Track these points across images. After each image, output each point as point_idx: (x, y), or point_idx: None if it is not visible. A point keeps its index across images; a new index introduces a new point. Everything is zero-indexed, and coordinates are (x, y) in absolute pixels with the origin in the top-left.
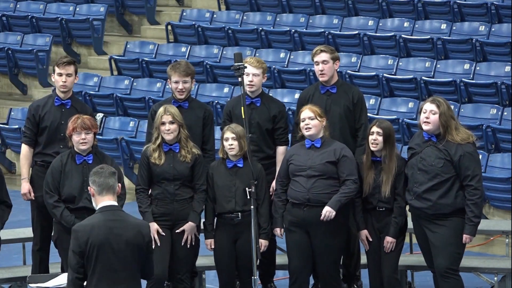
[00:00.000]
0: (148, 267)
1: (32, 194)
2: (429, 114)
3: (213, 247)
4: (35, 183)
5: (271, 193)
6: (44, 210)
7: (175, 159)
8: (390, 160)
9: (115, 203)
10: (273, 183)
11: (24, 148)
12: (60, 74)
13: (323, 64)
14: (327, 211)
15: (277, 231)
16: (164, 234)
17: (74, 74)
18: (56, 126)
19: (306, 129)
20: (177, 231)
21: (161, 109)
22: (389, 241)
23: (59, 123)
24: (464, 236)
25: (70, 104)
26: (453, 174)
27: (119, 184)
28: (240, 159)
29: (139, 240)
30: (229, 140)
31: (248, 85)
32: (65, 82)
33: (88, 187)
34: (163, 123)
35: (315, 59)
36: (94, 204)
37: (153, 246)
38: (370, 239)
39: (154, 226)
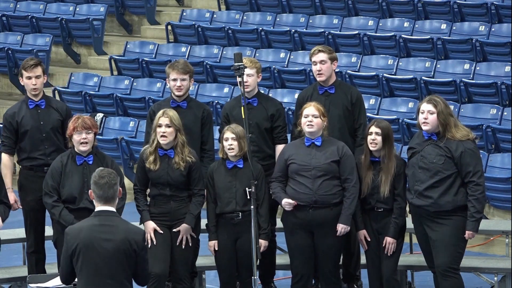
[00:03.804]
0: (140, 274)
1: (19, 203)
2: (427, 115)
3: (216, 249)
4: (24, 187)
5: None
6: (36, 214)
7: (170, 166)
8: (389, 160)
9: (113, 209)
10: None
11: (5, 157)
12: (29, 77)
13: (320, 64)
14: (343, 228)
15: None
16: (162, 232)
17: (43, 74)
18: (36, 127)
19: (308, 125)
20: (174, 230)
21: (160, 112)
22: (389, 241)
23: (38, 124)
24: (467, 232)
25: (44, 104)
26: (454, 171)
27: (120, 188)
28: (240, 160)
29: (125, 246)
30: (229, 140)
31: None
32: (35, 84)
33: (89, 190)
34: (160, 125)
35: (313, 59)
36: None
37: (149, 245)
38: (369, 239)
39: (150, 225)
